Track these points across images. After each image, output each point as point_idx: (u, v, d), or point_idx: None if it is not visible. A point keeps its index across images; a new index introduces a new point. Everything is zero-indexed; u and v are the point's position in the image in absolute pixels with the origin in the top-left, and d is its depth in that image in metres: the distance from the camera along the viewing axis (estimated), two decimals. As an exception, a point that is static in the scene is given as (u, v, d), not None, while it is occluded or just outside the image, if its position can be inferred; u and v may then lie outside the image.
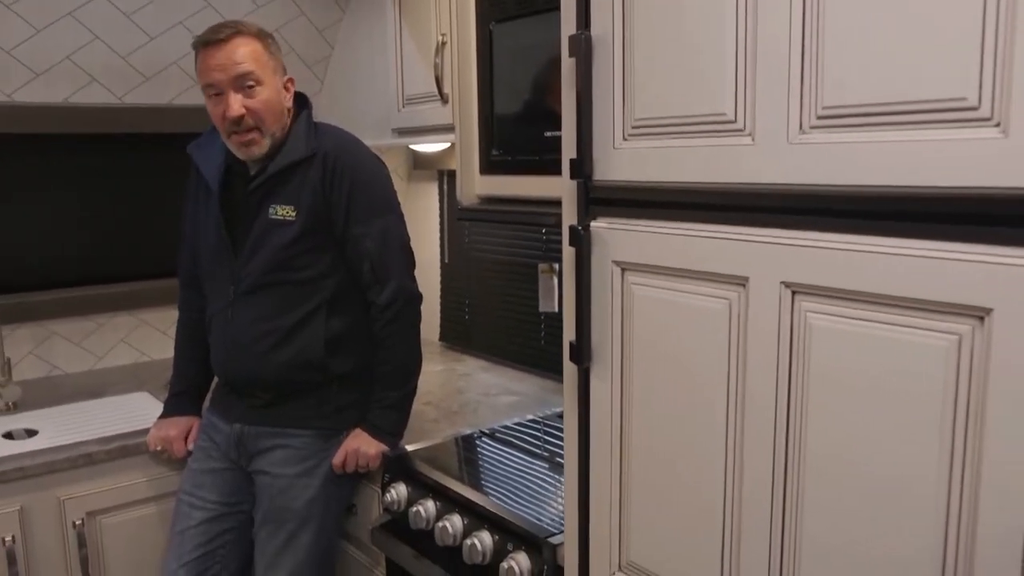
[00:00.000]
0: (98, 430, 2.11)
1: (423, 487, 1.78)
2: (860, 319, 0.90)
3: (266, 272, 1.78)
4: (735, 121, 1.02)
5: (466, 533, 1.63)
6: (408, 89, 2.27)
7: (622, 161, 1.17)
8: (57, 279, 2.64)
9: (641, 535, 1.21)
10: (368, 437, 1.86)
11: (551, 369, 2.49)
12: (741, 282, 1.03)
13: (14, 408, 2.30)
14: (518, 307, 2.59)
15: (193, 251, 1.94)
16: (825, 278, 0.93)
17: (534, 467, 1.85)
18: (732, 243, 1.03)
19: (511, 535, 1.56)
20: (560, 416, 2.13)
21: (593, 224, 1.22)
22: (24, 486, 1.89)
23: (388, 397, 1.86)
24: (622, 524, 1.25)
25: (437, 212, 2.89)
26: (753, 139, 0.99)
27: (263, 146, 1.76)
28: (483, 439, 2.00)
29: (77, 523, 1.96)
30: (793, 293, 0.97)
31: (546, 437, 2.03)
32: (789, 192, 0.96)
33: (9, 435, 2.16)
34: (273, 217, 1.77)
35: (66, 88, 2.33)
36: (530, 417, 2.14)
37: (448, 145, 2.54)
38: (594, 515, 1.29)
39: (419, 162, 2.93)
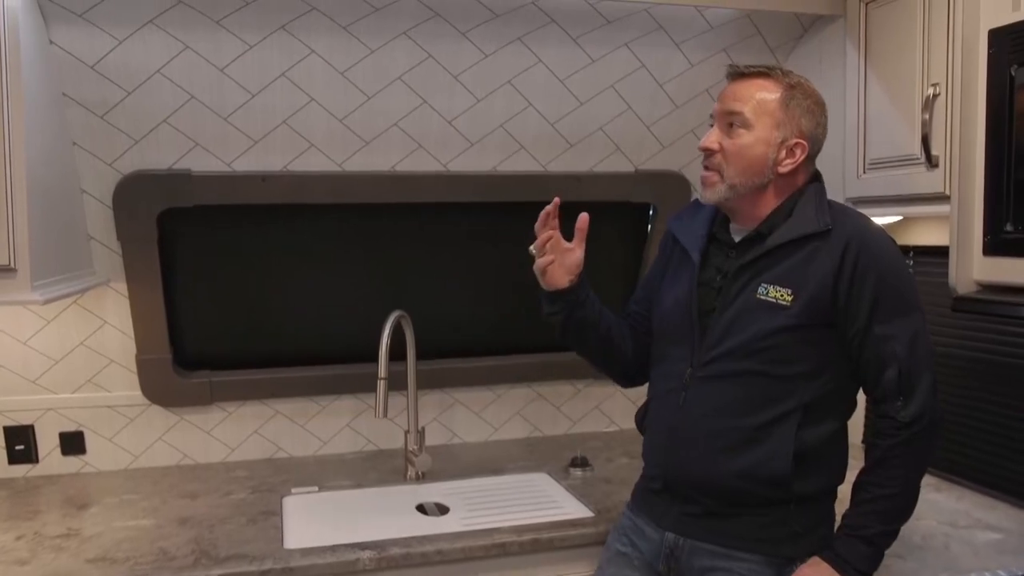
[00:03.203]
0: (508, 515, 2.01)
1: (914, 653, 1.39)
2: None
3: (741, 359, 1.52)
4: None
5: None
6: (873, 151, 1.93)
7: None
8: (463, 348, 2.65)
9: None
10: (831, 570, 1.50)
11: (1036, 500, 1.97)
12: None
13: (422, 478, 2.28)
14: (987, 416, 2.09)
15: (643, 300, 1.79)
16: None
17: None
18: None
19: None
20: (1082, 574, 1.62)
21: None
22: (440, 571, 1.82)
23: (870, 528, 1.50)
24: None
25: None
26: None
27: (716, 191, 1.56)
28: (980, 595, 1.55)
29: (487, 616, 1.85)
30: None
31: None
32: None
33: (421, 508, 2.12)
34: (762, 297, 1.51)
35: (496, 156, 2.33)
36: (1035, 569, 1.64)
37: (899, 219, 2.16)
38: None
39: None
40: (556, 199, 1.62)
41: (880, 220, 2.14)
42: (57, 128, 1.92)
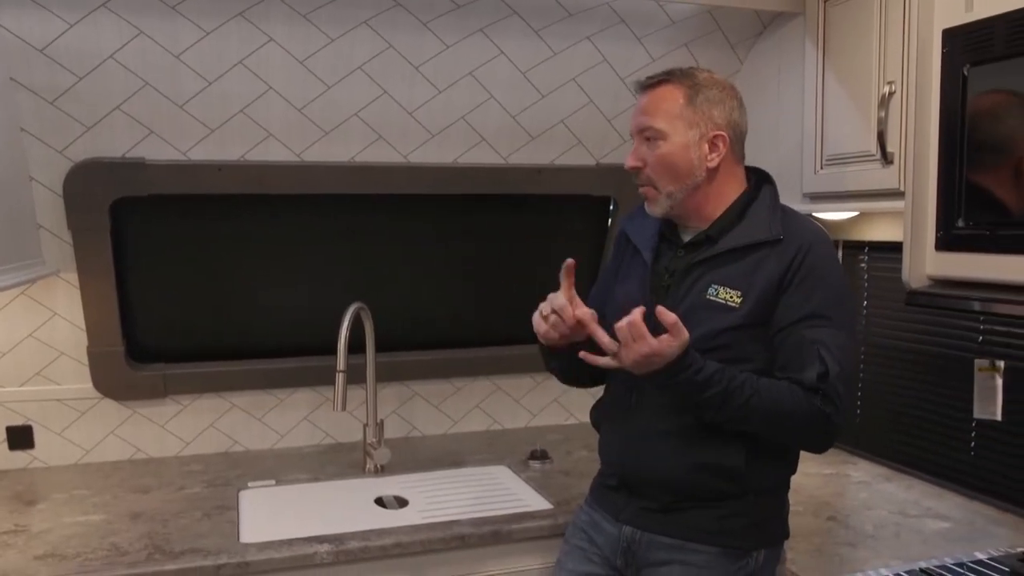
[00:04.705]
0: (468, 508, 2.00)
1: (867, 641, 1.41)
2: None
3: None
4: None
5: None
6: (830, 148, 1.95)
7: None
8: (423, 340, 2.63)
9: None
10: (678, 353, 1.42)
11: (983, 489, 2.01)
12: None
13: (381, 471, 2.26)
14: (936, 408, 2.14)
15: (597, 314, 1.76)
16: None
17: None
18: None
19: None
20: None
21: None
22: (399, 564, 1.81)
23: (730, 379, 1.44)
24: None
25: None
26: None
27: (659, 205, 1.58)
28: (931, 583, 1.58)
29: (445, 608, 1.84)
30: None
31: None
32: None
33: (380, 501, 2.11)
34: (712, 298, 1.52)
35: (457, 148, 2.31)
36: (981, 556, 1.68)
37: (855, 214, 2.19)
38: None
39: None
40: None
41: (836, 216, 2.19)
42: (3, 113, 1.86)
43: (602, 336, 1.47)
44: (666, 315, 1.41)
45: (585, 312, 1.52)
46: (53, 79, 1.90)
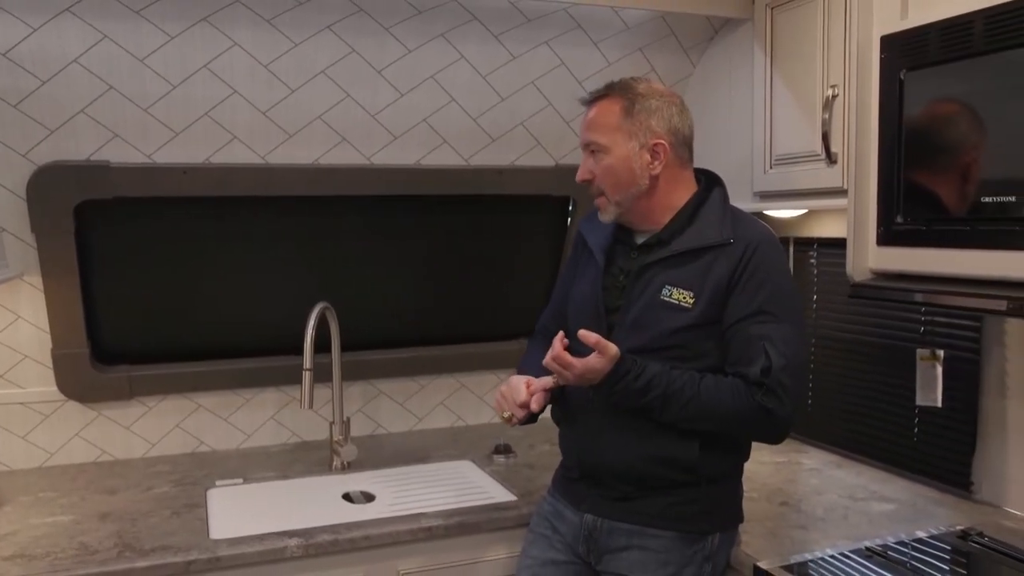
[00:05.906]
0: (435, 501, 2.05)
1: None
2: None
3: (648, 355, 1.58)
4: None
5: None
6: (778, 148, 2.04)
7: None
8: (388, 339, 2.67)
9: None
10: (612, 365, 1.53)
11: (926, 472, 2.11)
12: None
13: (348, 468, 2.30)
14: (882, 396, 2.23)
15: (559, 314, 1.84)
16: None
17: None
18: None
19: None
20: (963, 536, 1.76)
21: None
22: (368, 556, 1.85)
23: (668, 382, 1.53)
24: None
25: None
26: None
27: (608, 212, 1.66)
28: (874, 559, 1.66)
29: (412, 598, 1.89)
30: None
31: (962, 562, 1.67)
32: None
33: (347, 497, 2.15)
34: (666, 299, 1.59)
35: (420, 150, 2.35)
36: (921, 534, 1.77)
37: (803, 212, 2.28)
38: None
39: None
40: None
41: (786, 213, 2.28)
42: (-34, 118, 1.87)
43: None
44: (588, 336, 1.51)
45: (539, 385, 1.66)
46: (16, 83, 1.90)
